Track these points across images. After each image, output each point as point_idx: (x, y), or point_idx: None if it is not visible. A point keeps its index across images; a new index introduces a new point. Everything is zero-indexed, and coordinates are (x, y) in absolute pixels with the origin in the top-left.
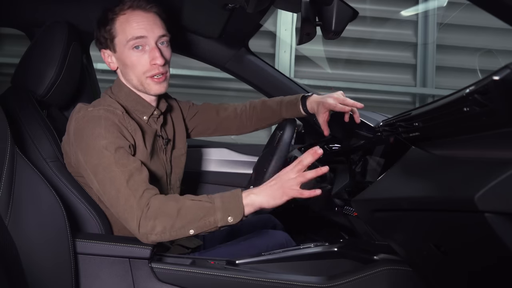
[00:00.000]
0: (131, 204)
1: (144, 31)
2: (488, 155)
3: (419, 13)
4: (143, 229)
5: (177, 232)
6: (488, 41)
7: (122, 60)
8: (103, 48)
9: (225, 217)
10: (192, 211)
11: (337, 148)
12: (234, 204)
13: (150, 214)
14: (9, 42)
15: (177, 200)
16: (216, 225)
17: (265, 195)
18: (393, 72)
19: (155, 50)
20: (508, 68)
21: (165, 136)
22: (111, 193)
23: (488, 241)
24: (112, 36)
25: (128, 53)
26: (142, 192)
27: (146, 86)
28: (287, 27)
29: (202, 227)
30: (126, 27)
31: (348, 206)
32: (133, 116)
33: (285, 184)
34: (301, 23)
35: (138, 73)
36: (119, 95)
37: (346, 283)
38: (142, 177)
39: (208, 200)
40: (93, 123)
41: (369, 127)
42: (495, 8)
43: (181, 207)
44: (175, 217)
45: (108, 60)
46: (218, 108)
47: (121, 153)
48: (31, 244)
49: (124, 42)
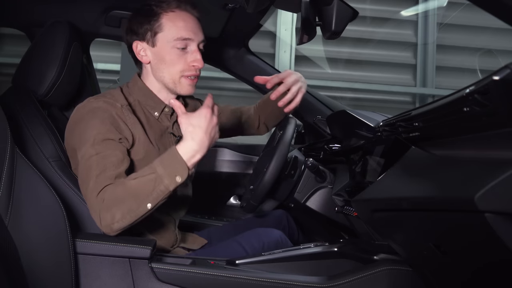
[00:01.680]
0: (92, 199)
1: (191, 34)
2: (488, 155)
3: (419, 13)
4: (104, 221)
5: (136, 212)
6: (488, 41)
7: (160, 56)
8: (139, 39)
9: (172, 179)
10: (140, 188)
11: (337, 148)
12: (176, 163)
13: (106, 206)
14: (9, 42)
15: (123, 184)
16: (169, 189)
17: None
18: (393, 72)
19: (197, 52)
20: (508, 68)
21: (177, 133)
22: (83, 185)
23: (488, 241)
24: (155, 30)
25: (170, 51)
26: (103, 187)
27: (178, 85)
28: (287, 27)
29: (157, 198)
30: (173, 26)
31: (348, 206)
32: (144, 110)
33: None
34: (301, 23)
35: (175, 71)
36: (133, 89)
37: (346, 283)
38: (112, 173)
39: (151, 171)
40: (90, 114)
41: (369, 127)
42: (495, 8)
43: (128, 188)
44: (128, 200)
45: (141, 52)
46: (241, 110)
47: (106, 144)
48: (31, 244)
49: (169, 39)
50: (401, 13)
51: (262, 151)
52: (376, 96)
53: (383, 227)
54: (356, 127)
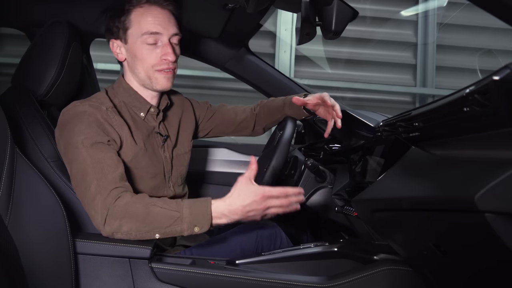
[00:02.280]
0: (97, 202)
1: (159, 27)
2: (488, 155)
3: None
4: (109, 228)
5: (143, 235)
6: (488, 41)
7: (132, 52)
8: (113, 38)
9: (191, 227)
10: (159, 219)
11: (337, 148)
12: (202, 216)
13: (116, 214)
14: (9, 42)
15: (145, 204)
16: (182, 233)
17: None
18: (393, 72)
19: (168, 46)
20: (508, 68)
21: (164, 133)
22: (81, 188)
23: (488, 241)
24: (126, 27)
25: (140, 46)
26: (109, 190)
27: (154, 80)
28: (287, 27)
29: (168, 234)
30: (141, 21)
31: (348, 206)
32: (129, 111)
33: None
34: (301, 23)
35: (147, 66)
36: (118, 90)
37: (346, 283)
38: (114, 175)
39: (177, 209)
40: (76, 118)
41: (369, 127)
42: (495, 8)
43: (148, 213)
44: (141, 222)
45: (116, 50)
46: (236, 109)
47: (97, 148)
48: (31, 244)
49: (137, 35)
50: (401, 13)
51: (262, 151)
52: (376, 96)
53: (383, 227)
54: (356, 127)
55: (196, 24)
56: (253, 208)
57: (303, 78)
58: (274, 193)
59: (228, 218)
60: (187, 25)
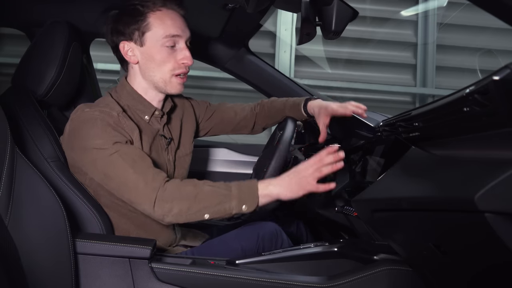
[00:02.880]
0: (142, 187)
1: (180, 30)
2: (488, 155)
3: (419, 13)
4: (160, 211)
5: (193, 215)
6: (488, 41)
7: (149, 55)
8: (126, 40)
9: (240, 205)
10: (209, 197)
11: None
12: (250, 194)
13: (167, 197)
14: (9, 42)
15: (195, 185)
16: (231, 212)
17: (282, 187)
18: (393, 72)
19: (187, 50)
20: (508, 68)
21: (168, 135)
22: (118, 180)
23: (488, 241)
24: (143, 30)
25: (161, 49)
26: (151, 175)
27: (169, 84)
28: (287, 27)
29: (217, 213)
30: (161, 24)
31: (348, 206)
32: (134, 115)
33: (303, 178)
34: (301, 23)
35: (165, 70)
36: (122, 94)
37: (346, 283)
38: (146, 163)
39: (225, 188)
40: (88, 123)
41: (369, 127)
42: (495, 8)
43: (199, 192)
44: (192, 201)
45: (129, 53)
46: (236, 108)
47: (119, 145)
48: (31, 244)
49: (158, 38)
50: (401, 13)
51: (262, 151)
52: (376, 96)
53: (383, 227)
54: (356, 127)
55: (196, 24)
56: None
57: (303, 78)
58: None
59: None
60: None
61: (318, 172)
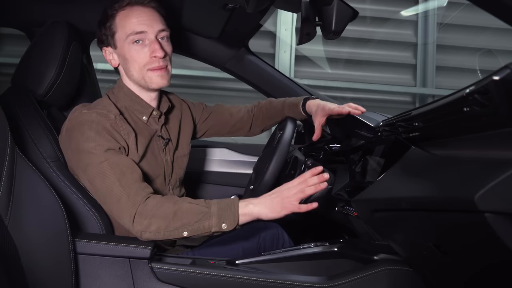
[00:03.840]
0: (124, 201)
1: (144, 26)
2: (488, 155)
3: (419, 13)
4: (138, 226)
5: (171, 233)
6: (488, 41)
7: (122, 56)
8: (104, 46)
9: (219, 223)
10: (188, 215)
11: (337, 148)
12: (230, 212)
13: (146, 213)
14: (9, 42)
15: (174, 202)
16: (210, 230)
17: (263, 207)
18: (393, 72)
19: (155, 43)
20: (508, 68)
21: (166, 136)
22: (102, 191)
23: (488, 241)
24: (112, 32)
25: (128, 48)
26: (135, 189)
27: (148, 79)
28: (287, 27)
29: (196, 231)
30: (125, 23)
31: (348, 206)
32: (132, 116)
33: (285, 199)
34: (301, 23)
35: (139, 67)
36: (119, 95)
37: (346, 283)
38: (134, 176)
39: (205, 205)
40: (84, 125)
41: (369, 127)
42: (495, 8)
43: (177, 209)
44: (171, 219)
45: (109, 57)
46: (232, 110)
47: (111, 153)
48: (31, 244)
49: (124, 37)
50: (401, 13)
51: (262, 151)
52: (376, 96)
53: (383, 227)
54: (356, 127)
55: (196, 24)
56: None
57: (303, 78)
58: (295, 183)
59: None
60: (187, 25)
61: (301, 193)
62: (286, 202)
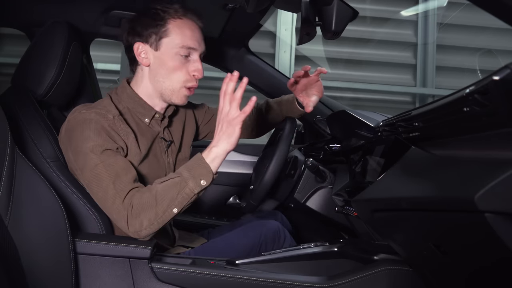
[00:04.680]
0: (117, 205)
1: (196, 44)
2: (488, 155)
3: (419, 13)
4: (132, 228)
5: (163, 217)
6: (488, 41)
7: (163, 60)
8: (142, 41)
9: (197, 182)
10: (166, 193)
11: (337, 148)
12: (200, 167)
13: (134, 212)
14: (9, 42)
15: (149, 189)
16: (193, 193)
17: (223, 141)
18: (393, 72)
19: (199, 62)
20: (508, 68)
21: (168, 138)
22: (98, 194)
23: (488, 241)
24: (161, 35)
25: (174, 57)
26: (127, 192)
27: (176, 93)
28: (287, 27)
29: (182, 201)
30: (180, 33)
31: (348, 206)
32: (134, 117)
33: (230, 119)
34: (301, 23)
35: (177, 79)
36: (122, 96)
37: (346, 283)
38: (128, 178)
39: (176, 175)
40: (83, 125)
41: (369, 127)
42: (495, 8)
43: (155, 193)
44: (155, 205)
45: (142, 54)
46: None
47: (107, 154)
48: (31, 244)
49: (174, 46)
50: (401, 13)
51: (262, 151)
52: (376, 96)
53: (383, 227)
54: (356, 127)
55: None
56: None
57: None
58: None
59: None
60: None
61: (233, 102)
62: (232, 120)
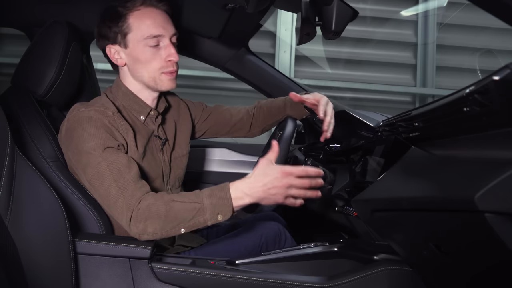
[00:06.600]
0: (120, 204)
1: (161, 29)
2: (488, 155)
3: (419, 13)
4: (135, 229)
5: (168, 232)
6: (488, 41)
7: (134, 56)
8: (110, 43)
9: (214, 216)
10: (181, 213)
11: (337, 148)
12: (223, 203)
13: (140, 216)
14: (9, 42)
15: (165, 202)
16: (206, 224)
17: (259, 193)
18: (393, 72)
19: (171, 47)
20: (508, 68)
21: (163, 136)
22: (101, 192)
23: (488, 241)
24: (125, 32)
25: (143, 50)
26: (131, 191)
27: (159, 82)
28: (287, 27)
29: (192, 227)
30: (141, 24)
31: (348, 206)
32: (129, 115)
33: (286, 193)
34: (301, 23)
35: (153, 69)
36: (117, 94)
37: (346, 283)
38: (131, 175)
39: (197, 201)
40: (83, 124)
41: (369, 127)
42: (495, 8)
43: (169, 210)
44: (165, 220)
45: (115, 56)
46: (232, 111)
47: (109, 152)
48: (31, 244)
49: (139, 39)
50: (401, 13)
51: (262, 151)
52: (376, 96)
53: (383, 227)
54: (356, 127)
55: (196, 24)
56: (274, 185)
57: (303, 78)
58: (294, 171)
59: (249, 197)
60: (187, 25)
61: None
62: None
